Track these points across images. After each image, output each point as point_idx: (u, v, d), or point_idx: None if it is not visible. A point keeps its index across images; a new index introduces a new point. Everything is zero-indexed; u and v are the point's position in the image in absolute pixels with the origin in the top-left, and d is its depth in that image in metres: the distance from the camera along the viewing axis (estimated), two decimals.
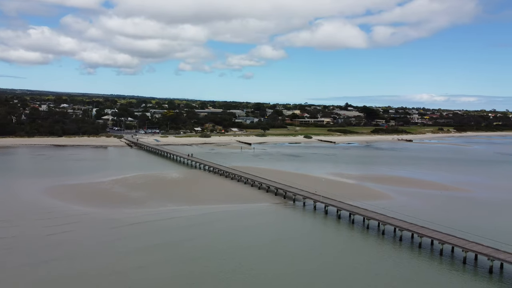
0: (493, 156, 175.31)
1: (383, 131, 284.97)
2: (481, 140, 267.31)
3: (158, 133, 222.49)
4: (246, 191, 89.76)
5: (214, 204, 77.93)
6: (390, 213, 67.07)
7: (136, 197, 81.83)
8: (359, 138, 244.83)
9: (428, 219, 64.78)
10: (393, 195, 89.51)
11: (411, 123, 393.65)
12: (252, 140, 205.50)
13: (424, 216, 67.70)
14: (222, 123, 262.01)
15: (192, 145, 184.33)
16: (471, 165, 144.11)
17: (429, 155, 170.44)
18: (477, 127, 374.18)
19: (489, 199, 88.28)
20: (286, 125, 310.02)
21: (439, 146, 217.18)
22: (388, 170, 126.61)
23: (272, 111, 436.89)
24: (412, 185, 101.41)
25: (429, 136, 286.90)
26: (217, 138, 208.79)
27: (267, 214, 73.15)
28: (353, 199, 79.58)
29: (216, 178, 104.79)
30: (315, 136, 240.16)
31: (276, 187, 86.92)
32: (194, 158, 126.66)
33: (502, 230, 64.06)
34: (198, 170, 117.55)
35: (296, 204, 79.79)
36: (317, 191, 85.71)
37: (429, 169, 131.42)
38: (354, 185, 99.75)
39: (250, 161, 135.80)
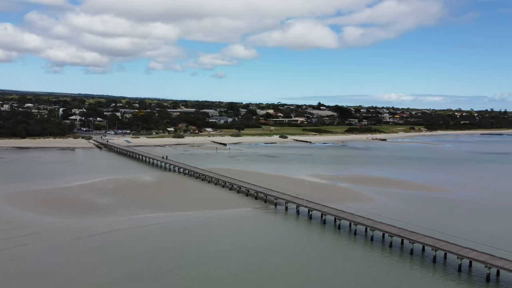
0: (465, 155, 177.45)
1: (357, 131, 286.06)
2: (451, 139, 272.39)
3: (129, 133, 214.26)
4: (224, 195, 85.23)
5: (191, 210, 73.06)
6: (377, 217, 64.16)
7: (105, 204, 75.86)
8: (334, 138, 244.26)
9: (415, 223, 62.24)
10: (375, 196, 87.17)
11: (383, 122, 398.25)
12: (227, 141, 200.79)
13: (410, 219, 65.26)
14: (196, 123, 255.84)
15: (165, 146, 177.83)
16: (446, 164, 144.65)
17: (404, 154, 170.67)
18: (446, 126, 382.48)
19: (471, 200, 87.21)
20: (261, 124, 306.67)
21: (412, 145, 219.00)
22: (367, 170, 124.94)
23: (245, 111, 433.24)
24: (392, 186, 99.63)
25: (402, 135, 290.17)
26: (191, 139, 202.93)
27: (248, 220, 68.93)
28: (336, 202, 76.53)
29: (192, 181, 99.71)
30: (290, 136, 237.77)
31: (256, 190, 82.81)
32: (168, 161, 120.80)
33: (494, 234, 62.25)
34: (172, 173, 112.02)
35: (278, 208, 75.99)
36: (299, 194, 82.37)
37: (407, 168, 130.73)
38: (335, 187, 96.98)
39: (227, 163, 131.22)
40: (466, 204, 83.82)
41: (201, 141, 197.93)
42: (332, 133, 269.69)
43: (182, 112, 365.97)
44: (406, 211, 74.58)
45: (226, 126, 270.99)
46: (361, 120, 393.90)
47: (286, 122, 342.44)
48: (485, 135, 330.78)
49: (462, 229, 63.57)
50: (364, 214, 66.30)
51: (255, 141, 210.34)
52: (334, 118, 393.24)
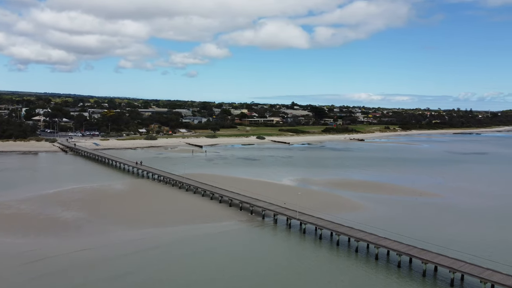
0: (444, 156, 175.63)
1: (334, 131, 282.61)
2: (426, 139, 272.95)
3: (98, 135, 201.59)
4: (205, 206, 77.07)
5: (169, 225, 64.66)
6: (379, 231, 57.87)
7: (69, 219, 66.33)
8: (311, 138, 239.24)
9: (421, 237, 56.45)
10: (369, 204, 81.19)
11: (357, 122, 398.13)
12: (202, 142, 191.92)
13: (414, 232, 59.48)
14: (169, 124, 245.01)
15: (137, 148, 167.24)
16: (429, 166, 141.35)
17: (385, 155, 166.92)
18: (419, 125, 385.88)
19: (468, 206, 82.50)
20: (236, 125, 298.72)
21: (391, 146, 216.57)
22: (352, 173, 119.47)
23: (219, 110, 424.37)
24: (383, 191, 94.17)
25: (378, 135, 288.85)
26: (165, 140, 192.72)
27: (235, 237, 61.07)
28: (328, 211, 70.05)
29: (168, 189, 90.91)
30: (267, 136, 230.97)
31: (241, 200, 75.07)
32: (143, 167, 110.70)
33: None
34: (146, 179, 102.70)
35: (266, 221, 68.62)
36: (286, 203, 75.61)
37: (392, 170, 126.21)
38: (324, 193, 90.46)
39: (204, 167, 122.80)
40: (466, 211, 78.93)
41: (175, 143, 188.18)
42: (309, 134, 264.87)
43: (154, 112, 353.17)
44: (406, 222, 68.89)
45: (201, 126, 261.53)
46: (336, 120, 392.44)
47: (262, 122, 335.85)
48: (457, 135, 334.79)
49: (473, 242, 58.24)
50: (363, 226, 59.93)
51: (231, 142, 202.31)
52: (310, 118, 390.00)
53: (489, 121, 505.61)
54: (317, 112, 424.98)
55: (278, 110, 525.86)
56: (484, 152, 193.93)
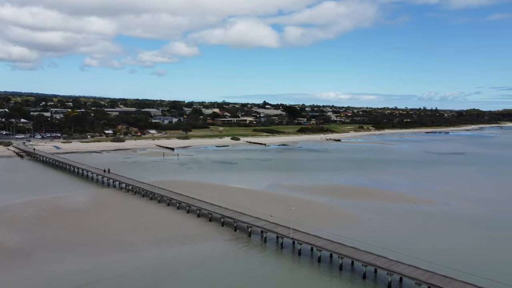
0: (424, 156, 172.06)
1: (310, 131, 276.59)
2: (401, 138, 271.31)
3: (59, 137, 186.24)
4: (181, 221, 67.17)
5: (138, 248, 54.51)
6: (388, 253, 50.05)
7: (15, 245, 54.94)
8: (287, 139, 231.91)
9: (437, 260, 49.06)
10: (363, 215, 73.56)
11: (330, 121, 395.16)
12: (174, 144, 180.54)
13: (425, 253, 52.02)
14: (138, 124, 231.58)
15: (103, 152, 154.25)
16: (412, 167, 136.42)
17: (365, 157, 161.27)
18: (392, 124, 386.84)
19: (468, 215, 76.19)
20: (208, 125, 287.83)
21: (368, 146, 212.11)
22: (337, 177, 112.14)
23: (190, 110, 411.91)
24: (374, 198, 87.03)
25: (353, 135, 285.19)
26: (133, 143, 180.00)
27: (217, 263, 51.50)
28: (320, 225, 62.14)
29: (138, 201, 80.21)
30: (242, 137, 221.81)
31: (222, 214, 65.62)
32: (110, 175, 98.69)
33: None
34: (113, 189, 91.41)
35: (253, 239, 59.61)
36: (273, 215, 67.28)
37: (377, 173, 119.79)
38: (313, 202, 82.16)
39: (178, 173, 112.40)
40: (468, 221, 72.54)
41: (144, 145, 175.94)
42: (284, 134, 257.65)
43: (122, 111, 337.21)
44: (413, 238, 61.56)
45: (172, 127, 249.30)
46: (310, 120, 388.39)
47: (235, 122, 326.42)
48: (429, 134, 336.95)
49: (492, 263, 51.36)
50: (367, 246, 51.96)
51: (205, 144, 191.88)
52: (283, 118, 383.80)
53: (456, 120, 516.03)
54: (290, 111, 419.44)
55: (250, 110, 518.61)
56: (462, 152, 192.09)
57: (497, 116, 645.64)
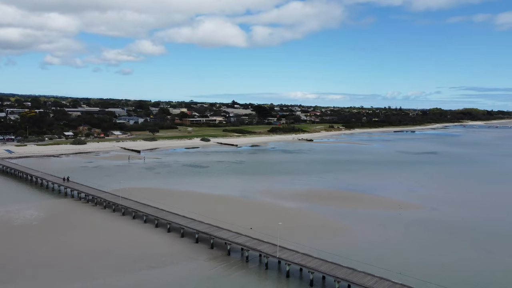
0: (399, 156, 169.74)
1: (281, 130, 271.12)
2: (372, 138, 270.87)
3: (13, 140, 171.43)
4: (149, 238, 58.68)
5: (97, 275, 45.82)
6: (390, 274, 43.92)
7: None
8: (259, 139, 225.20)
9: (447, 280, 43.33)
10: (352, 224, 67.53)
11: (300, 121, 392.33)
12: (140, 146, 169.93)
13: (428, 269, 46.26)
14: (101, 125, 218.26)
15: (61, 156, 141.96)
16: (389, 168, 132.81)
17: (341, 158, 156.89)
18: (361, 124, 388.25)
19: (463, 222, 71.65)
20: (176, 125, 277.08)
21: (342, 146, 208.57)
22: (317, 180, 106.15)
23: (157, 110, 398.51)
24: (359, 204, 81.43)
25: (325, 135, 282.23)
26: (96, 145, 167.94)
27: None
28: (307, 238, 55.39)
29: (99, 214, 70.86)
30: (212, 138, 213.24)
31: (196, 229, 57.68)
32: (69, 184, 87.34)
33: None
34: (71, 200, 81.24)
35: (233, 257, 52.18)
36: (253, 227, 60.36)
37: (356, 176, 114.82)
38: (295, 210, 75.52)
39: (144, 178, 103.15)
40: (460, 229, 67.90)
41: (108, 148, 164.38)
42: (255, 134, 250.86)
43: (84, 111, 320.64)
44: (411, 252, 55.74)
45: (138, 127, 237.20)
46: (280, 119, 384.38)
47: (204, 122, 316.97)
48: (398, 133, 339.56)
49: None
50: (364, 265, 45.71)
51: (173, 146, 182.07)
52: (253, 117, 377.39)
53: (422, 119, 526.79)
54: (260, 111, 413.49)
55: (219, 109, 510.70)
56: (434, 151, 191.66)
57: (459, 115, 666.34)
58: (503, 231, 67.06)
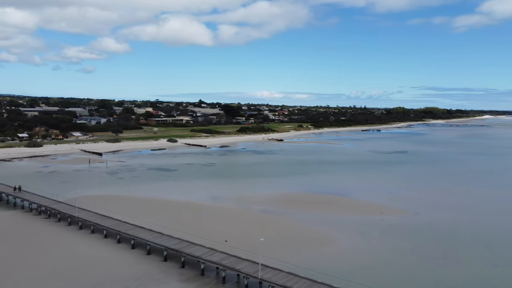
0: (371, 156, 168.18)
1: (250, 130, 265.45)
2: (341, 137, 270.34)
3: None
4: (110, 257, 51.15)
5: None
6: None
7: None
8: (229, 140, 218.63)
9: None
10: (336, 233, 62.48)
11: (269, 120, 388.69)
12: (102, 148, 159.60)
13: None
14: (60, 126, 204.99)
15: (13, 160, 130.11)
16: (363, 169, 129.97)
17: (313, 158, 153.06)
18: (329, 123, 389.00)
19: (450, 227, 68.16)
20: (141, 125, 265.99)
21: (313, 146, 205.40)
22: (292, 183, 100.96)
23: (121, 109, 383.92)
24: (341, 209, 76.78)
25: (295, 134, 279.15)
26: (53, 148, 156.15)
27: None
28: (289, 250, 49.73)
29: (53, 228, 62.36)
30: (179, 138, 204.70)
31: (165, 246, 50.74)
32: (21, 194, 76.72)
33: None
34: (21, 212, 71.95)
35: (207, 277, 45.80)
36: (228, 239, 54.45)
37: (331, 177, 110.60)
38: (272, 217, 69.75)
39: (106, 185, 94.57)
40: (450, 235, 64.35)
41: (67, 150, 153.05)
42: (224, 134, 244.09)
43: (42, 111, 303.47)
44: (403, 265, 51.06)
45: (100, 128, 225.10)
46: (248, 119, 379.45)
47: (170, 121, 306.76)
48: (365, 132, 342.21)
49: None
50: (357, 286, 40.56)
51: (138, 148, 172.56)
52: (221, 117, 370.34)
53: (387, 118, 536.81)
54: (228, 110, 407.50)
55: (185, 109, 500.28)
56: (404, 150, 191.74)
57: (421, 114, 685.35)
58: (498, 235, 64.02)
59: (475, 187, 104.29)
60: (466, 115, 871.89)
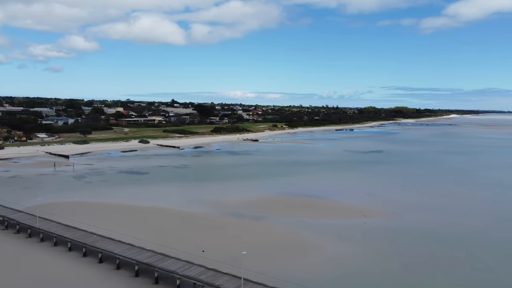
0: (347, 156, 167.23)
1: (225, 130, 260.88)
2: (316, 137, 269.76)
3: None
4: (74, 273, 46.06)
5: None
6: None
7: None
8: (203, 140, 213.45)
9: None
10: (318, 238, 59.45)
11: (243, 120, 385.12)
12: (69, 150, 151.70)
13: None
14: (23, 127, 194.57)
15: None
16: (342, 169, 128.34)
17: (290, 158, 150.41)
18: (304, 122, 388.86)
19: (436, 231, 66.30)
20: (112, 126, 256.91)
21: (289, 146, 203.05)
22: (271, 186, 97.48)
23: (90, 109, 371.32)
24: (322, 212, 73.97)
25: (270, 134, 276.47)
26: (16, 150, 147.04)
27: None
28: (273, 261, 46.23)
29: (11, 240, 56.41)
30: (152, 139, 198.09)
31: (136, 259, 46.19)
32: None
33: None
34: None
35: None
36: (206, 249, 50.55)
37: (309, 179, 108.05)
38: (252, 223, 66.01)
39: (72, 190, 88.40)
40: (435, 238, 62.46)
41: (30, 153, 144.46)
42: (198, 134, 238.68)
43: (5, 112, 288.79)
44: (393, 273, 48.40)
45: (67, 129, 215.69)
46: (222, 119, 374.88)
47: (142, 122, 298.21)
48: (339, 131, 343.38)
49: None
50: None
51: (108, 149, 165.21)
52: (195, 117, 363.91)
53: (359, 117, 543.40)
54: (202, 110, 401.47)
55: (158, 109, 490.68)
56: (379, 150, 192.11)
57: (392, 113, 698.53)
58: (477, 238, 62.56)
59: (452, 187, 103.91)
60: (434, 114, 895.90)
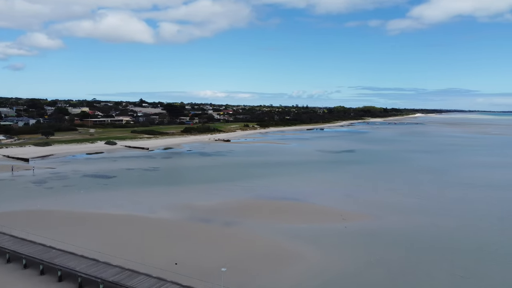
0: (321, 156, 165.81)
1: (195, 131, 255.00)
2: (288, 136, 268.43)
3: None
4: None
5: None
6: None
7: None
8: (173, 141, 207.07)
9: None
10: (298, 246, 56.14)
11: (214, 120, 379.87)
12: (29, 153, 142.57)
13: None
14: None
15: None
16: (317, 170, 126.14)
17: (263, 159, 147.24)
18: (275, 122, 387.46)
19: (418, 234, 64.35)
20: (76, 126, 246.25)
21: (261, 146, 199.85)
22: (245, 188, 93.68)
23: (53, 109, 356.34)
24: (301, 217, 70.80)
25: (241, 134, 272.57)
26: None
27: None
28: (251, 274, 42.58)
29: None
30: (119, 140, 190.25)
31: (101, 278, 41.32)
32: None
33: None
34: None
35: None
36: (179, 262, 46.44)
37: (284, 180, 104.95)
38: (227, 231, 61.97)
39: (30, 197, 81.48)
40: (419, 242, 60.46)
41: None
42: (168, 135, 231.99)
43: None
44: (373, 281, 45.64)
45: (28, 130, 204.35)
46: (193, 118, 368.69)
47: (109, 122, 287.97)
48: (310, 131, 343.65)
49: None
50: None
51: (72, 152, 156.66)
52: (164, 117, 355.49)
53: (329, 117, 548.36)
54: (171, 110, 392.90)
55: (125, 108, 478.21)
56: (351, 149, 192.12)
57: (360, 113, 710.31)
58: (457, 242, 61.06)
59: (426, 187, 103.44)
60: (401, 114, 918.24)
